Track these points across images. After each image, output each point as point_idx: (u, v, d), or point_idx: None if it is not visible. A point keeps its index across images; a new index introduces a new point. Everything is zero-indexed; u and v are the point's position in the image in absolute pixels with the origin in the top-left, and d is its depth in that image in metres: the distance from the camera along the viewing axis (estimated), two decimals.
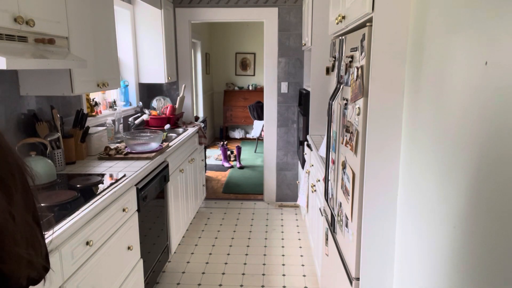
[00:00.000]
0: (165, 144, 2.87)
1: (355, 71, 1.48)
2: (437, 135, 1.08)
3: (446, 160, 1.02)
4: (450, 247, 0.99)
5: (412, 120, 1.27)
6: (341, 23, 1.79)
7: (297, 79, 4.16)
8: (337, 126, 1.84)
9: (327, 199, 1.95)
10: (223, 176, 5.42)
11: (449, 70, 1.01)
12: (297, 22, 4.04)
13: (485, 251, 0.83)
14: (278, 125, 4.27)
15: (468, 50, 0.91)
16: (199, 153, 4.05)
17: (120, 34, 3.44)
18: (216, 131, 8.31)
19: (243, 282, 2.79)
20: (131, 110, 3.71)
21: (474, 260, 0.87)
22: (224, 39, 8.05)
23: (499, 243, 0.77)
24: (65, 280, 1.48)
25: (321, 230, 2.38)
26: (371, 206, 1.40)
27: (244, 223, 3.87)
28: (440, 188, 1.05)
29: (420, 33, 1.20)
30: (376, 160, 1.38)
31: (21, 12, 1.60)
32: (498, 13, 0.79)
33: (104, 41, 2.45)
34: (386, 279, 1.45)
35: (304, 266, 3.02)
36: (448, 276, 1.00)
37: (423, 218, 1.17)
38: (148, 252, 2.44)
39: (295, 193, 4.36)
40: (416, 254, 1.23)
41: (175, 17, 4.08)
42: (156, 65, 3.73)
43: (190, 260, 3.12)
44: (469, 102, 0.90)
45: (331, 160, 1.95)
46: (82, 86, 2.16)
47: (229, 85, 8.19)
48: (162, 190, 2.73)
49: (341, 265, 1.72)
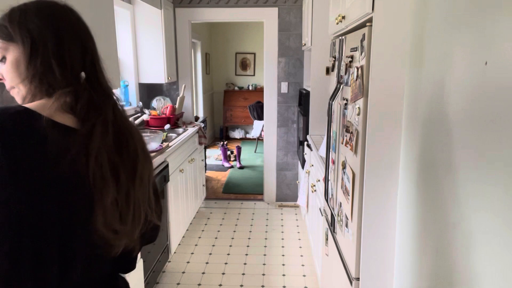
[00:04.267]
0: (165, 144, 2.87)
1: (355, 71, 1.48)
2: (437, 135, 1.08)
3: (446, 159, 1.02)
4: (450, 246, 0.99)
5: (412, 120, 1.27)
6: (341, 23, 1.79)
7: (297, 79, 4.16)
8: (337, 126, 1.84)
9: (327, 199, 1.95)
10: (223, 176, 5.42)
11: (449, 70, 1.01)
12: (297, 22, 4.03)
13: (485, 251, 0.83)
14: (278, 125, 4.27)
15: (468, 50, 0.91)
16: (199, 153, 4.05)
17: (120, 34, 3.44)
18: (216, 131, 8.30)
19: (243, 282, 2.79)
20: (131, 110, 3.71)
21: (474, 259, 0.87)
22: (224, 39, 8.04)
23: (499, 242, 0.77)
24: None
25: (321, 230, 2.38)
26: (371, 206, 1.40)
27: (244, 223, 3.87)
28: (440, 188, 1.05)
29: (420, 33, 1.20)
30: (376, 160, 1.38)
31: None
32: (498, 13, 0.79)
33: (104, 41, 2.45)
34: (386, 279, 1.45)
35: (304, 266, 3.02)
36: (448, 276, 1.00)
37: (423, 218, 1.17)
38: (148, 252, 2.44)
39: (295, 193, 4.36)
40: (416, 254, 1.23)
41: (175, 17, 4.08)
42: (156, 65, 3.72)
43: (190, 260, 3.12)
44: (469, 102, 0.90)
45: (331, 160, 1.95)
46: None
47: (229, 85, 8.18)
48: (162, 190, 2.73)
49: (341, 265, 1.72)
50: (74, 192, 0.78)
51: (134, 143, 0.87)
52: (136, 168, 0.86)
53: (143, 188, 0.88)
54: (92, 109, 0.81)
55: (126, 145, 0.85)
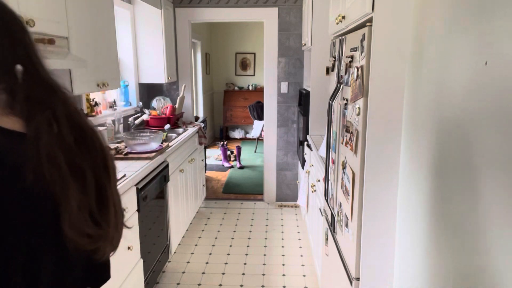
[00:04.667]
0: (165, 144, 2.87)
1: (355, 71, 1.48)
2: (437, 135, 1.08)
3: (446, 160, 1.02)
4: (449, 247, 0.99)
5: (412, 120, 1.27)
6: (341, 23, 1.79)
7: (297, 79, 4.16)
8: (337, 126, 1.84)
9: (327, 199, 1.95)
10: (223, 176, 5.42)
11: (449, 70, 1.01)
12: (297, 22, 4.04)
13: (485, 251, 0.83)
14: (278, 125, 4.27)
15: (468, 50, 0.91)
16: (199, 153, 4.05)
17: (120, 34, 3.44)
18: (216, 131, 8.30)
19: (243, 282, 2.79)
20: (131, 110, 3.71)
21: (474, 260, 0.87)
22: (224, 39, 8.04)
23: (499, 243, 0.77)
24: None
25: (321, 230, 2.38)
26: (371, 206, 1.40)
27: (244, 223, 3.87)
28: (440, 188, 1.05)
29: (420, 33, 1.20)
30: (376, 160, 1.38)
31: (21, 12, 1.59)
32: (498, 13, 0.79)
33: (104, 41, 2.45)
34: (386, 279, 1.45)
35: (304, 266, 3.02)
36: (448, 276, 1.00)
37: (423, 218, 1.17)
38: (148, 252, 2.44)
39: (295, 193, 4.36)
40: (416, 254, 1.23)
41: (175, 17, 4.08)
42: (156, 65, 3.73)
43: (190, 260, 3.12)
44: (469, 102, 0.90)
45: (331, 160, 1.95)
46: (82, 86, 2.16)
47: (229, 85, 8.19)
48: (162, 190, 2.73)
49: (341, 265, 1.72)
50: (40, 205, 0.71)
51: (98, 138, 0.79)
52: (107, 165, 0.80)
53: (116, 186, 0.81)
54: (35, 106, 0.71)
55: (91, 142, 0.77)
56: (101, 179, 0.77)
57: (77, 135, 0.74)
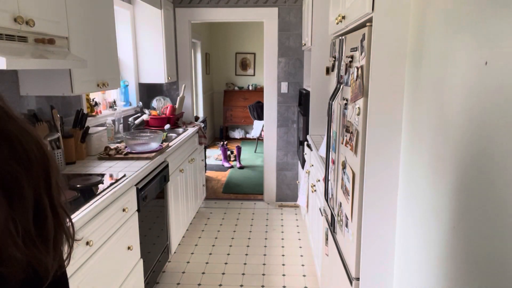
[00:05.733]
0: (165, 144, 2.87)
1: (355, 71, 1.48)
2: (437, 135, 1.08)
3: (446, 160, 1.02)
4: (449, 247, 0.99)
5: (412, 120, 1.27)
6: (341, 23, 1.79)
7: (297, 79, 4.16)
8: (337, 126, 1.84)
9: (327, 199, 1.95)
10: (223, 176, 5.42)
11: (449, 70, 1.01)
12: (297, 22, 4.04)
13: (485, 251, 0.83)
14: (278, 125, 4.28)
15: (468, 50, 0.91)
16: (199, 153, 4.05)
17: (120, 34, 3.44)
18: (216, 131, 8.30)
19: (243, 282, 2.79)
20: (131, 110, 3.71)
21: (473, 261, 0.87)
22: (224, 39, 8.04)
23: (497, 243, 0.77)
24: None
25: (321, 230, 2.38)
26: (371, 206, 1.40)
27: (244, 223, 3.87)
28: (440, 188, 1.05)
29: (420, 33, 1.20)
30: (376, 160, 1.38)
31: (21, 12, 1.60)
32: (498, 13, 0.79)
33: (104, 41, 2.45)
34: (386, 279, 1.45)
35: (304, 266, 3.02)
36: (448, 276, 1.00)
37: (423, 218, 1.17)
38: (148, 252, 2.44)
39: (295, 193, 4.36)
40: (416, 254, 1.23)
41: (175, 17, 4.08)
42: (156, 65, 3.73)
43: (190, 260, 3.12)
44: (469, 102, 0.90)
45: (331, 160, 1.95)
46: (82, 86, 2.16)
47: (229, 85, 8.19)
48: (162, 190, 2.73)
49: (341, 265, 1.72)
50: None
51: (38, 143, 0.66)
52: (49, 175, 0.66)
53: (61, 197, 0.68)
54: None
55: (25, 150, 0.64)
56: (40, 192, 0.64)
57: (8, 143, 0.60)
